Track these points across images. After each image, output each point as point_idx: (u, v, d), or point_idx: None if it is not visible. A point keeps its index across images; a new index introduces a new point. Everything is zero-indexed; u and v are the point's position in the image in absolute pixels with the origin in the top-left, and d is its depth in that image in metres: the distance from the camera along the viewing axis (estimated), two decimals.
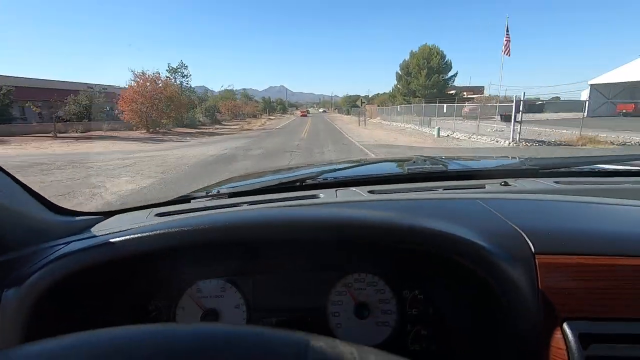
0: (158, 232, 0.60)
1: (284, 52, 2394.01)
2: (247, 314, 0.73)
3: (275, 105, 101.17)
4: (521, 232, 0.61)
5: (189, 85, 30.34)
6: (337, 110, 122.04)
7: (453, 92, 41.52)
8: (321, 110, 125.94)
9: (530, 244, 0.58)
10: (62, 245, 0.66)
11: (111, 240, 0.61)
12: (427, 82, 39.47)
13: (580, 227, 0.65)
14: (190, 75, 30.61)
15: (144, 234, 0.60)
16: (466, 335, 0.66)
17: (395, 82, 45.24)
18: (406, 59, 42.80)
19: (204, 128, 27.19)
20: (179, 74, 28.80)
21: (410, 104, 38.08)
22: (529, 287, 0.55)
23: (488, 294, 0.57)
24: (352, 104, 65.00)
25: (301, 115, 58.95)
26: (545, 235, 0.60)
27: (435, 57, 39.72)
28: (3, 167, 0.68)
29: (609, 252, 0.57)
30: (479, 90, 57.07)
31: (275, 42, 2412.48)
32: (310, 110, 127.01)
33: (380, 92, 68.06)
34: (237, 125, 33.21)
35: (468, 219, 0.67)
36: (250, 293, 0.74)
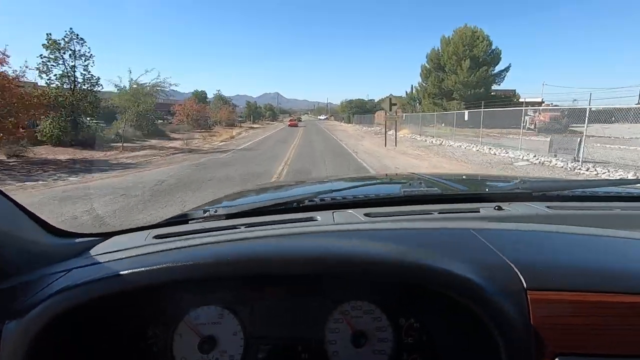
0: (161, 266, 0.60)
1: (278, 59, 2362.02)
2: (244, 341, 0.73)
3: (263, 111, 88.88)
4: (513, 266, 0.61)
5: (87, 74, 16.31)
6: (332, 116, 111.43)
7: (490, 93, 29.53)
8: (322, 117, 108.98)
9: (522, 279, 0.58)
10: (63, 273, 0.66)
11: (113, 273, 0.61)
12: (470, 78, 27.47)
13: (572, 262, 0.65)
14: (91, 56, 16.19)
15: (147, 268, 0.60)
16: None
17: (420, 80, 33.10)
18: (436, 48, 30.83)
19: (82, 154, 13.71)
20: (63, 52, 15.53)
21: (446, 109, 26.32)
22: (521, 321, 0.55)
23: (481, 326, 0.58)
24: (353, 110, 52.96)
25: (290, 125, 44.69)
26: (537, 270, 0.61)
27: (481, 43, 27.78)
28: (1, 190, 0.67)
29: (600, 288, 0.57)
30: (509, 93, 45.13)
31: (270, 49, 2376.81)
32: (304, 117, 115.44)
33: (383, 96, 56.29)
34: (191, 138, 20.88)
35: (461, 251, 0.68)
36: (248, 320, 0.74)
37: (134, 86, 18.42)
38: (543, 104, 28.28)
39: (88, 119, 17.21)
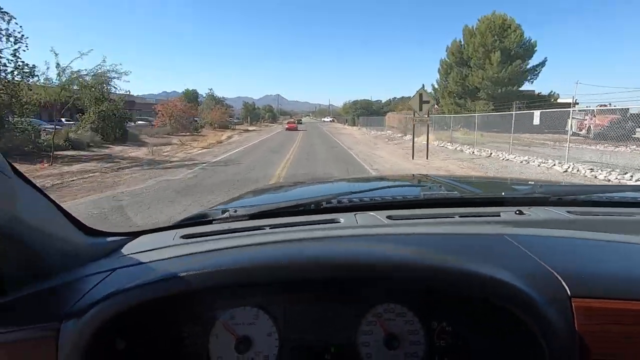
0: (204, 271, 0.63)
1: (279, 61, 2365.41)
2: (279, 342, 0.74)
3: (262, 112, 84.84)
4: (556, 274, 0.61)
5: (17, 61, 11.54)
6: (334, 119, 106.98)
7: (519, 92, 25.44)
8: (327, 119, 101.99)
9: (566, 287, 0.59)
10: (107, 273, 0.69)
11: (159, 278, 0.63)
12: (501, 73, 23.24)
13: (613, 270, 0.66)
14: (22, 37, 11.14)
15: (190, 273, 0.62)
16: None
17: (438, 78, 28.98)
18: (458, 40, 26.72)
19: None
20: None
21: (470, 110, 22.24)
22: (566, 329, 0.56)
23: (518, 331, 0.58)
24: (358, 112, 48.76)
25: (288, 129, 37.29)
26: (580, 278, 0.61)
27: (513, 33, 23.55)
28: (40, 188, 0.68)
29: None
30: (531, 93, 40.89)
31: (271, 50, 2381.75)
32: (305, 119, 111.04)
33: (389, 98, 51.39)
34: (166, 144, 16.76)
35: (498, 257, 0.68)
36: (282, 321, 0.75)
37: (74, 76, 13.56)
38: (577, 105, 24.20)
39: (22, 118, 13.02)
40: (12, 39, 11.60)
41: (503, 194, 1.18)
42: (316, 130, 39.86)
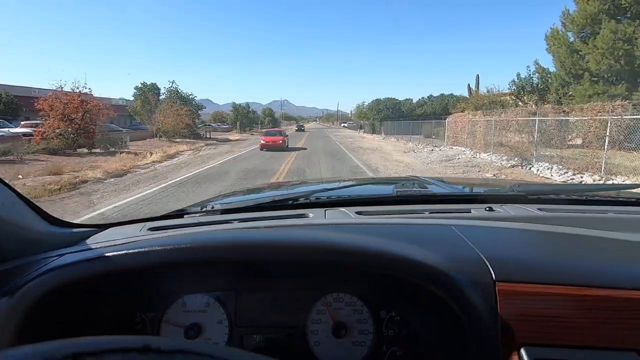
0: (148, 248, 0.62)
1: (287, 66, 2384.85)
2: (229, 329, 0.75)
3: (262, 117, 72.83)
4: (484, 259, 0.63)
5: None
6: (343, 123, 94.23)
7: None
8: (343, 124, 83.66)
9: (492, 271, 0.60)
10: (56, 257, 0.70)
11: (103, 254, 0.63)
12: None
13: (542, 257, 0.68)
14: None
15: (135, 250, 0.62)
16: (438, 356, 0.68)
17: (548, 58, 16.36)
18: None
19: None
20: None
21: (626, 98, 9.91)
22: (489, 312, 0.57)
23: (456, 318, 0.59)
24: (382, 115, 36.05)
25: (264, 146, 17.43)
26: (507, 263, 0.63)
27: None
28: (1, 178, 0.70)
29: (566, 281, 0.59)
30: None
31: (279, 57, 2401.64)
32: (311, 125, 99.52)
33: (421, 97, 38.14)
34: None
35: (437, 244, 0.70)
36: (233, 309, 0.76)
37: None
38: None
39: None
40: None
41: (478, 191, 1.19)
42: (321, 141, 27.52)
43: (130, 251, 0.62)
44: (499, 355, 0.55)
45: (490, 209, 0.96)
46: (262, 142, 18.06)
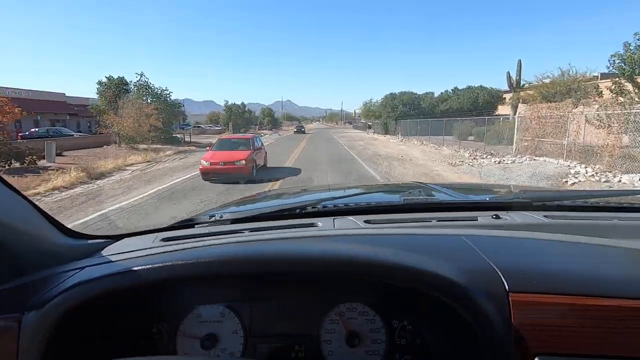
0: (170, 262, 0.64)
1: (290, 67, 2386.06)
2: (244, 339, 0.76)
3: (260, 117, 67.39)
4: (497, 270, 0.63)
5: None
6: (349, 123, 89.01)
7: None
8: (346, 123, 76.20)
9: (505, 282, 0.60)
10: (77, 270, 0.70)
11: (126, 269, 0.65)
12: None
13: (554, 267, 0.68)
14: None
15: (157, 265, 0.64)
16: None
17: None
18: None
19: None
20: None
21: None
22: (503, 323, 0.57)
23: (468, 328, 0.60)
24: (399, 112, 30.32)
25: (205, 171, 8.46)
26: (520, 274, 0.63)
27: None
28: (19, 190, 0.71)
29: (578, 292, 0.59)
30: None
31: (281, 57, 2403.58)
32: (314, 125, 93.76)
33: (443, 91, 32.05)
34: None
35: (450, 256, 0.69)
36: (248, 319, 0.77)
37: None
38: None
39: None
40: None
41: (485, 198, 1.18)
42: (326, 147, 21.93)
43: (152, 265, 0.63)
44: None
45: (497, 217, 0.96)
46: (203, 164, 8.55)
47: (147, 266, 0.64)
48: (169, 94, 23.81)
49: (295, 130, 46.64)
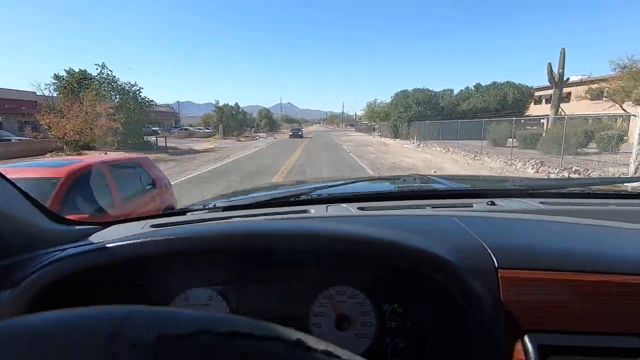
0: (148, 239, 0.63)
1: (290, 70, 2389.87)
2: None
3: (257, 120, 63.42)
4: (486, 247, 0.63)
5: None
6: (350, 125, 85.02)
7: None
8: (347, 126, 70.12)
9: (494, 259, 0.61)
10: (58, 252, 0.69)
11: (105, 246, 0.64)
12: None
13: (544, 244, 0.68)
14: None
15: (135, 241, 0.63)
16: (442, 348, 0.68)
17: None
18: None
19: None
20: None
21: None
22: (492, 300, 0.57)
23: (459, 308, 0.59)
24: (413, 112, 26.08)
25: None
26: (509, 250, 0.63)
27: None
28: (5, 175, 0.71)
29: (567, 268, 0.59)
30: None
31: (283, 59, 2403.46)
32: (314, 127, 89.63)
33: (463, 88, 27.57)
34: None
35: (439, 234, 0.70)
36: (236, 302, 0.75)
37: None
38: None
39: None
40: None
41: (480, 186, 1.20)
42: (327, 157, 17.78)
43: (131, 242, 0.62)
44: (502, 343, 0.55)
45: (492, 203, 0.96)
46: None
47: (128, 242, 0.62)
48: (138, 89, 19.71)
49: (290, 134, 37.58)
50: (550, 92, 24.32)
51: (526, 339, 0.54)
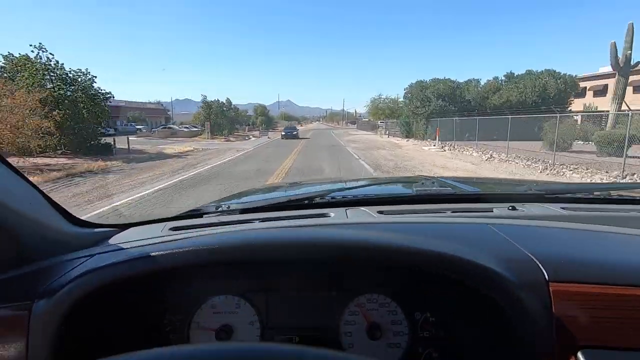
0: (178, 250, 0.62)
1: (289, 67, 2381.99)
2: (260, 330, 0.74)
3: (253, 117, 59.23)
4: (534, 259, 0.61)
5: None
6: (350, 123, 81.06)
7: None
8: (348, 123, 64.50)
9: (544, 271, 0.59)
10: (86, 258, 0.69)
11: (133, 256, 0.63)
12: None
13: (592, 256, 0.65)
14: None
15: (165, 252, 0.62)
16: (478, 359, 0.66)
17: None
18: None
19: None
20: None
21: None
22: (544, 314, 0.55)
23: (500, 319, 0.58)
24: (434, 108, 21.81)
25: None
26: (558, 263, 0.61)
27: None
28: (27, 178, 0.70)
29: (621, 282, 0.57)
30: None
31: (282, 56, 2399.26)
32: (314, 125, 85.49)
33: (491, 78, 23.22)
34: None
35: (480, 243, 0.67)
36: (264, 310, 0.74)
37: None
38: None
39: None
40: None
41: (498, 191, 1.16)
42: (334, 168, 13.80)
43: (164, 252, 0.61)
44: (555, 359, 0.53)
45: (513, 208, 0.94)
46: None
47: (159, 252, 0.61)
48: (90, 79, 15.57)
49: (282, 134, 29.22)
50: (598, 82, 20.11)
51: (580, 355, 0.52)
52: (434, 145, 17.03)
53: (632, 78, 16.05)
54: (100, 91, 16.08)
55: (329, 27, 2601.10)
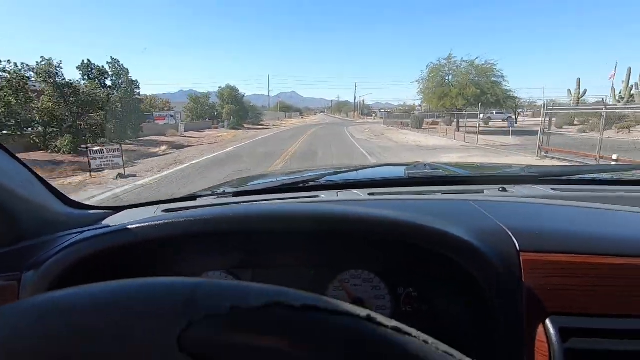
0: (164, 221, 0.64)
1: (295, 58, 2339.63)
2: None
3: (247, 110, 51.22)
4: (507, 230, 0.64)
5: None
6: (365, 116, 72.46)
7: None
8: (365, 116, 58.36)
9: (516, 242, 0.61)
10: (76, 235, 0.70)
11: (123, 228, 0.65)
12: None
13: (564, 228, 0.68)
14: None
15: (153, 223, 0.64)
16: (459, 332, 0.68)
17: None
18: None
19: None
20: None
21: None
22: (514, 283, 0.57)
23: (478, 290, 0.59)
24: (471, 94, 13.78)
25: None
26: (530, 234, 0.63)
27: None
28: (22, 160, 0.72)
29: (590, 251, 0.59)
30: None
31: (286, 49, 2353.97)
32: (317, 117, 77.60)
33: None
34: None
35: (458, 217, 0.70)
36: None
37: None
38: None
39: None
40: None
41: (490, 173, 1.16)
42: None
43: (149, 224, 0.63)
44: (524, 326, 0.55)
45: (504, 189, 0.96)
46: None
47: (145, 224, 0.63)
48: (58, 66, 12.62)
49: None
50: None
51: (548, 322, 0.54)
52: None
53: None
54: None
55: (337, 16, 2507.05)
